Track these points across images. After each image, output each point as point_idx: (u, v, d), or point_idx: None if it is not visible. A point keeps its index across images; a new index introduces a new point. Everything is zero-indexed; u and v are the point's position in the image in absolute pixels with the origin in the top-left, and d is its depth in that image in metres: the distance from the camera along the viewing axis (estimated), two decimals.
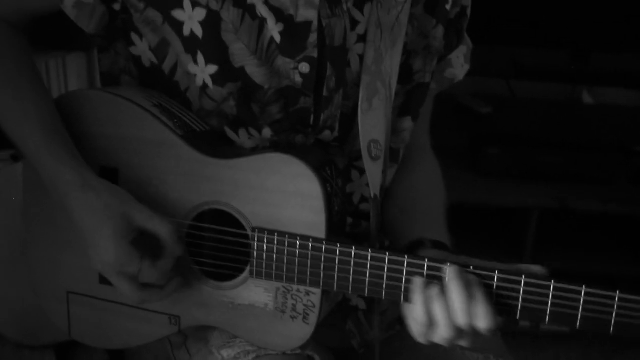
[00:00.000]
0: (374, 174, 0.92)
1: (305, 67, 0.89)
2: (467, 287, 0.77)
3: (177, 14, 0.87)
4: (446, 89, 1.07)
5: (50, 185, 0.88)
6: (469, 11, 1.03)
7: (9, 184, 2.20)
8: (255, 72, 0.89)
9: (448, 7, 0.98)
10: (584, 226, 2.21)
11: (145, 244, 0.85)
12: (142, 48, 0.93)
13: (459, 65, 1.05)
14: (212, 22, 0.87)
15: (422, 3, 0.96)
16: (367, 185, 0.94)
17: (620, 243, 2.20)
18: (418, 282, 0.79)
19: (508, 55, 2.12)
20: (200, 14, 0.86)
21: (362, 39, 0.92)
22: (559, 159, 2.06)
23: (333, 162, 0.91)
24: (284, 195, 0.85)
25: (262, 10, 0.86)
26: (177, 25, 0.88)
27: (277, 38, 0.87)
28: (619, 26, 2.07)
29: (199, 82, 0.90)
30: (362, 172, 0.97)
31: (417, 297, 0.79)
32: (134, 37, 0.93)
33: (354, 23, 0.91)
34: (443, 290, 0.78)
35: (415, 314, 0.80)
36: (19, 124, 0.90)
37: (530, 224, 2.03)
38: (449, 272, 0.78)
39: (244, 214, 0.87)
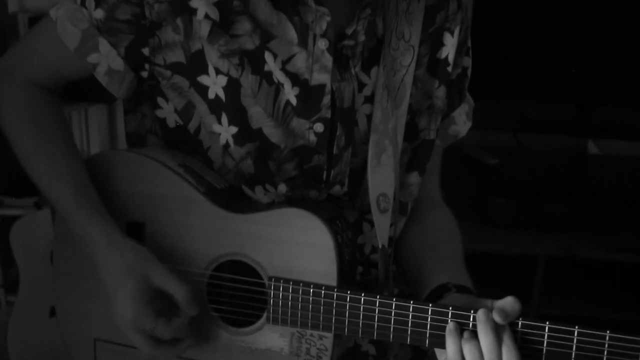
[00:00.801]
0: (382, 226, 0.99)
1: (319, 127, 0.96)
2: (496, 330, 0.82)
3: (202, 79, 0.95)
4: (451, 144, 1.14)
5: (80, 240, 0.95)
6: (469, 71, 1.10)
7: (33, 230, 2.28)
8: (272, 132, 0.96)
9: (449, 69, 1.05)
10: (591, 274, 2.25)
11: (162, 302, 0.92)
12: (167, 110, 1.00)
13: (462, 122, 1.12)
14: (232, 88, 0.94)
15: (425, 66, 1.03)
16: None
17: (626, 291, 2.23)
18: (450, 327, 0.84)
19: (515, 108, 2.21)
20: (222, 80, 0.94)
21: (369, 99, 0.99)
22: (565, 209, 2.12)
23: (343, 215, 0.97)
24: (299, 247, 0.91)
25: (279, 76, 0.94)
26: (203, 90, 0.96)
27: (293, 101, 0.95)
28: (622, 80, 2.15)
29: (222, 141, 0.97)
30: (372, 224, 1.03)
31: (449, 342, 0.84)
32: (160, 100, 1.00)
33: (361, 85, 0.98)
34: (473, 335, 0.83)
35: (448, 357, 0.85)
36: (52, 184, 0.98)
37: (537, 272, 2.08)
38: (479, 315, 0.83)
39: (261, 264, 0.93)
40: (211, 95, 0.95)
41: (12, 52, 1.04)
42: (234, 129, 0.96)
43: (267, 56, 0.93)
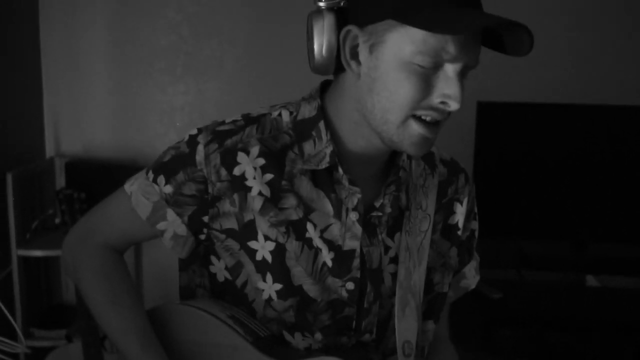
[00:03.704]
0: None
1: (350, 285, 1.13)
2: None
3: (252, 244, 1.12)
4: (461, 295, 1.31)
5: None
6: (476, 233, 1.28)
7: None
8: (311, 289, 1.12)
9: (459, 232, 1.24)
10: None
11: None
12: (218, 267, 1.16)
13: (472, 276, 1.30)
14: (278, 251, 1.11)
15: (439, 230, 1.22)
16: None
17: None
18: None
19: (516, 246, 2.38)
20: (270, 245, 1.11)
21: (393, 260, 1.16)
22: (567, 340, 2.24)
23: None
24: None
25: (318, 243, 1.12)
26: (251, 252, 1.12)
27: (329, 263, 1.12)
28: (615, 219, 2.34)
29: (265, 296, 1.13)
30: None
31: None
32: (213, 259, 1.17)
33: (387, 249, 1.16)
34: None
35: None
36: (120, 336, 1.13)
37: None
38: None
39: None
40: (259, 257, 1.12)
41: (88, 220, 1.22)
42: (278, 286, 1.12)
43: (309, 226, 1.11)
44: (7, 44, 2.59)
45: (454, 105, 1.00)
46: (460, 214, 1.24)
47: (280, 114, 1.15)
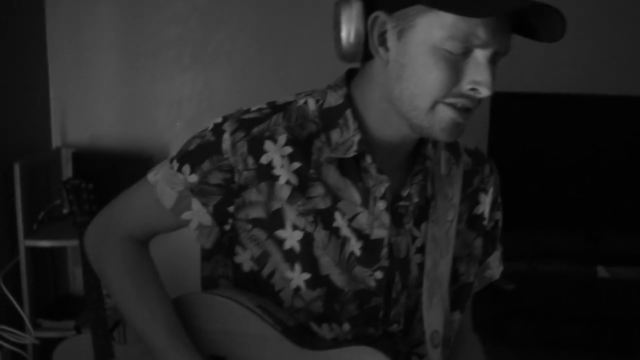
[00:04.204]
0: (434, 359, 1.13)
1: (379, 275, 1.12)
2: None
3: (279, 233, 1.11)
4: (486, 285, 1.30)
5: None
6: (500, 223, 1.27)
7: (75, 353, 2.38)
8: (338, 279, 1.11)
9: (485, 223, 1.23)
10: None
11: None
12: (244, 257, 1.15)
13: (495, 266, 1.29)
14: (307, 241, 1.10)
15: (465, 221, 1.21)
16: None
17: None
18: None
19: (529, 238, 2.38)
20: (299, 235, 1.11)
21: (420, 250, 1.16)
22: (579, 331, 2.25)
23: (400, 351, 1.12)
24: None
25: (346, 232, 1.11)
26: (279, 242, 1.11)
27: (358, 252, 1.11)
28: (628, 211, 2.34)
29: (294, 286, 1.12)
30: (420, 357, 1.18)
31: None
32: (238, 249, 1.15)
33: (413, 238, 1.15)
34: None
35: None
36: (147, 325, 1.12)
37: None
38: None
39: None
40: (287, 246, 1.11)
41: (110, 210, 1.21)
42: (307, 275, 1.11)
43: (337, 215, 1.10)
44: (13, 33, 2.58)
45: (484, 92, 0.99)
46: (485, 204, 1.23)
47: (306, 102, 1.14)
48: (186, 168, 1.12)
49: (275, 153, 1.09)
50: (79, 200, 2.46)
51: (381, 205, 1.11)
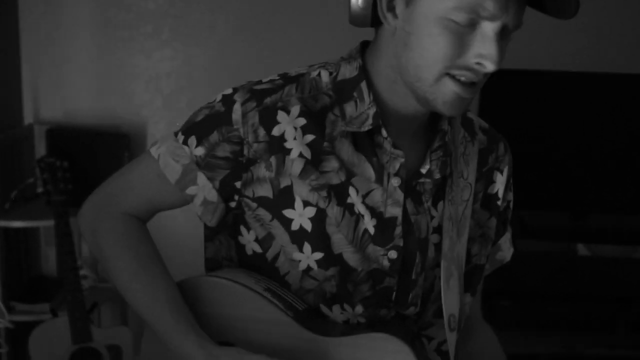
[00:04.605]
0: (452, 344, 1.10)
1: (393, 254, 1.08)
2: None
3: (287, 212, 1.06)
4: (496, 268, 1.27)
5: (179, 357, 1.04)
6: (511, 204, 1.24)
7: (52, 337, 2.33)
8: (351, 257, 1.07)
9: (499, 202, 1.19)
10: None
11: None
12: (247, 239, 1.11)
13: (507, 248, 1.26)
14: (319, 217, 1.06)
15: (480, 200, 1.18)
16: (436, 351, 1.12)
17: None
18: None
19: (516, 217, 2.36)
20: (311, 211, 1.06)
21: (436, 230, 1.11)
22: (564, 310, 2.25)
23: (418, 335, 1.08)
24: None
25: (360, 208, 1.06)
26: (286, 222, 1.06)
27: (372, 230, 1.07)
28: (612, 191, 2.35)
29: (303, 267, 1.07)
30: (429, 339, 1.16)
31: None
32: (242, 229, 1.11)
33: (431, 218, 1.11)
34: None
35: None
36: (149, 306, 1.07)
37: None
38: None
39: None
40: (294, 227, 1.06)
41: (108, 187, 1.14)
42: (318, 255, 1.06)
43: (351, 190, 1.06)
44: None
45: (489, 67, 0.97)
46: (500, 183, 1.20)
47: (319, 74, 1.09)
48: (192, 140, 1.07)
49: (288, 124, 1.05)
50: (54, 178, 2.39)
51: (395, 182, 1.07)
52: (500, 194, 1.20)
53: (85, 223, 1.14)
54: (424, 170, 1.09)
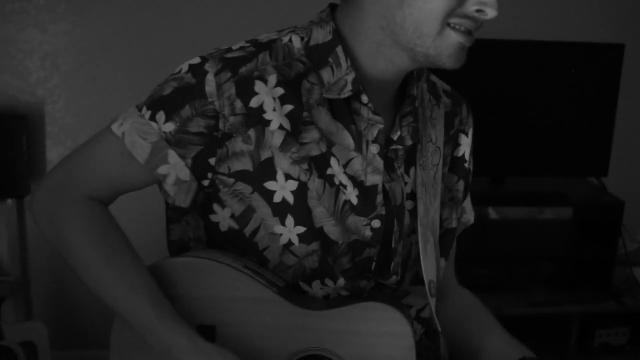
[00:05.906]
0: (434, 309, 1.09)
1: (376, 223, 1.05)
2: None
3: (268, 184, 1.01)
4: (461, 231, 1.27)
5: (161, 350, 0.97)
6: (471, 167, 1.24)
7: None
8: (331, 230, 1.03)
9: (466, 165, 1.19)
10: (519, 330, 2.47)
11: None
12: (222, 216, 1.05)
13: (469, 210, 1.26)
14: (301, 191, 1.01)
15: (448, 164, 1.17)
16: (416, 319, 1.12)
17: (549, 339, 2.47)
18: None
19: None
20: (292, 185, 1.01)
21: (410, 196, 1.10)
22: (488, 272, 2.32)
23: (403, 304, 1.06)
24: (377, 337, 0.99)
25: (342, 179, 1.02)
26: (268, 194, 1.01)
27: (354, 201, 1.03)
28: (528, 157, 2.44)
29: (284, 241, 1.02)
30: (408, 307, 1.14)
31: None
32: (216, 207, 1.04)
33: (404, 184, 1.09)
34: None
35: None
36: (126, 297, 0.98)
37: None
38: None
39: (341, 356, 1.00)
40: (277, 199, 1.01)
41: (65, 169, 1.04)
42: (301, 229, 1.02)
43: (332, 161, 1.02)
44: None
45: (490, 13, 0.96)
46: (465, 145, 1.19)
47: (290, 40, 1.04)
48: (160, 116, 0.99)
49: (267, 95, 0.99)
50: None
51: (374, 149, 1.04)
52: (467, 156, 1.19)
53: (40, 210, 1.03)
54: (395, 137, 1.07)
